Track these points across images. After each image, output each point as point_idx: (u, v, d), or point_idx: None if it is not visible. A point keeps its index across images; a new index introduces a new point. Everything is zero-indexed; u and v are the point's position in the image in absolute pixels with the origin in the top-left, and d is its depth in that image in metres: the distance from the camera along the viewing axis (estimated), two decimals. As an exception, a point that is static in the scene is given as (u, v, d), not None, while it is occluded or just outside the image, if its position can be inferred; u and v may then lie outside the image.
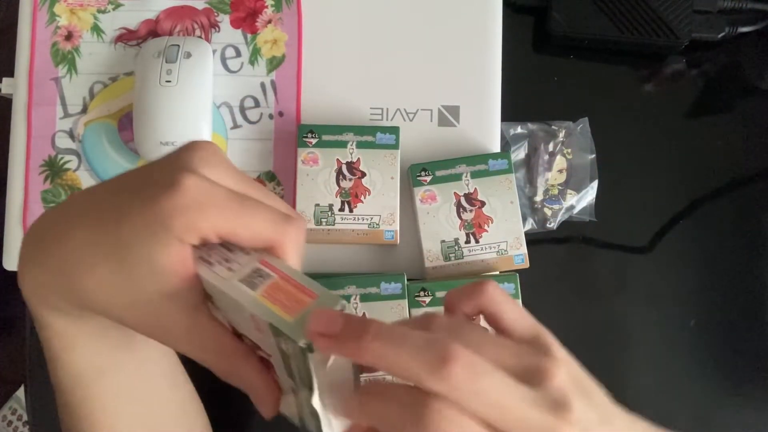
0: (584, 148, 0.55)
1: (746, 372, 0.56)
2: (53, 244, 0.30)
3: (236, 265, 0.29)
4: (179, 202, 0.27)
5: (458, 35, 0.54)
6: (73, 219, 0.30)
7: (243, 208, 0.29)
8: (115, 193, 0.30)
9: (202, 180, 0.28)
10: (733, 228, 0.56)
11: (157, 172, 0.30)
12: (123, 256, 0.28)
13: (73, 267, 0.29)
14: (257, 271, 0.29)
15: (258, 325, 0.28)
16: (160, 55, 0.50)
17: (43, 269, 0.31)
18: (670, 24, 0.54)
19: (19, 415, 1.28)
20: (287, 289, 0.28)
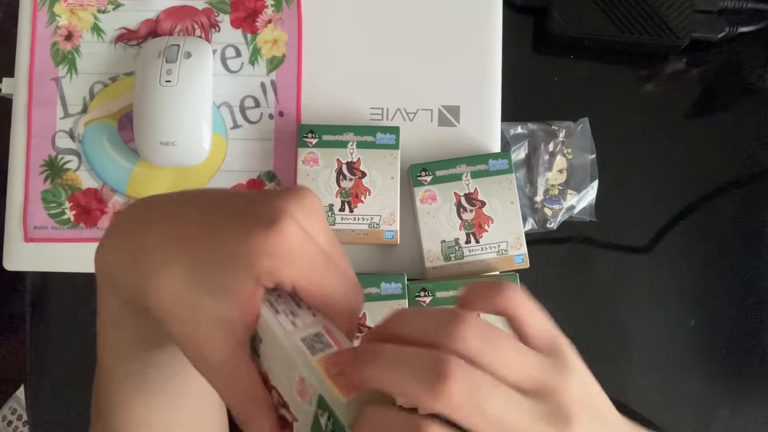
0: (584, 148, 0.55)
1: (746, 372, 0.56)
2: (140, 231, 0.31)
3: (300, 322, 0.29)
4: (271, 246, 0.28)
5: (458, 35, 0.54)
6: (166, 215, 0.31)
7: (327, 270, 0.29)
8: (212, 208, 0.31)
9: (299, 229, 0.29)
10: (733, 228, 0.56)
11: (259, 206, 0.30)
12: (201, 271, 0.28)
13: (148, 260, 0.30)
14: (319, 336, 0.29)
15: (303, 389, 0.28)
16: (160, 55, 0.50)
17: (121, 252, 0.31)
18: (670, 24, 0.54)
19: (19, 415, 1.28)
20: (334, 365, 0.28)
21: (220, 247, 0.28)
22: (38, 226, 0.52)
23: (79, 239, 0.52)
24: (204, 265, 0.28)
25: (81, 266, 0.53)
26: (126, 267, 0.31)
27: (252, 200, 0.31)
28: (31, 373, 0.54)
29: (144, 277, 0.30)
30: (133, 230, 0.31)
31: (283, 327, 0.29)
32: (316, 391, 0.27)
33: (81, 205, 0.53)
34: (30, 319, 0.54)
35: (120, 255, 0.31)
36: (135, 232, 0.31)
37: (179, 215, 0.31)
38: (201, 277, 0.28)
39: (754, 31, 0.56)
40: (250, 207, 0.30)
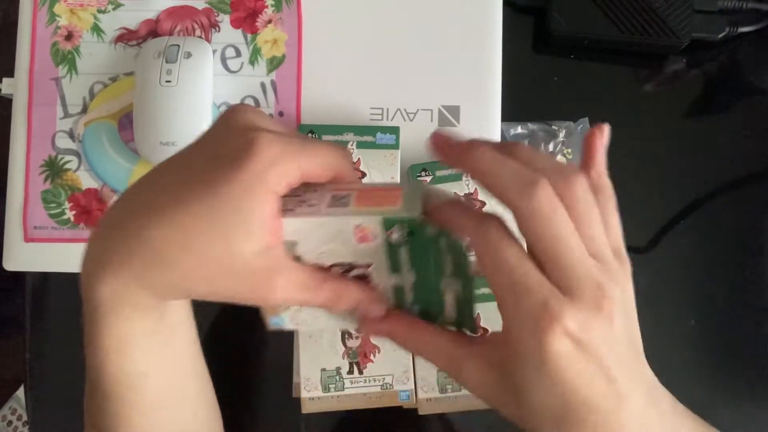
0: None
1: (746, 372, 0.56)
2: (132, 241, 0.30)
3: (314, 200, 0.32)
4: (266, 157, 0.29)
5: (458, 35, 0.54)
6: (149, 209, 0.30)
7: (313, 147, 0.31)
8: (189, 167, 0.31)
9: (272, 133, 0.30)
10: (733, 228, 0.56)
11: (226, 137, 0.31)
12: (218, 224, 0.29)
13: (167, 250, 0.29)
14: (335, 197, 0.32)
15: (363, 233, 0.30)
16: (160, 55, 0.50)
17: (127, 266, 0.30)
18: (670, 24, 0.54)
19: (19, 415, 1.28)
20: (374, 193, 0.31)
21: (226, 191, 0.29)
22: (38, 226, 0.52)
23: (79, 239, 0.52)
24: (219, 217, 0.29)
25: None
26: (144, 275, 0.30)
27: (215, 138, 0.31)
28: (31, 373, 0.54)
29: (171, 268, 0.29)
30: (121, 239, 0.30)
31: (308, 214, 0.31)
32: (376, 220, 0.30)
33: (81, 205, 0.53)
34: (30, 320, 0.54)
35: (132, 269, 0.30)
36: (128, 238, 0.30)
37: (169, 191, 0.30)
38: (223, 229, 0.29)
39: (754, 31, 0.56)
40: (222, 144, 0.31)
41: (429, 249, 0.30)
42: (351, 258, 0.32)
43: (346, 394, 0.48)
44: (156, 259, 0.29)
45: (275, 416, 0.54)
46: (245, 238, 0.29)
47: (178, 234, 0.29)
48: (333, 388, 0.48)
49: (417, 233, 0.30)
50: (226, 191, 0.29)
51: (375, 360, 0.49)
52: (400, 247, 0.31)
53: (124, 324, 0.32)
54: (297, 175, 0.30)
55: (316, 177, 0.32)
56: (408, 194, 0.31)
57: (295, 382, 0.50)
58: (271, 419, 0.54)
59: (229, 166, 0.29)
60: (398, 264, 0.31)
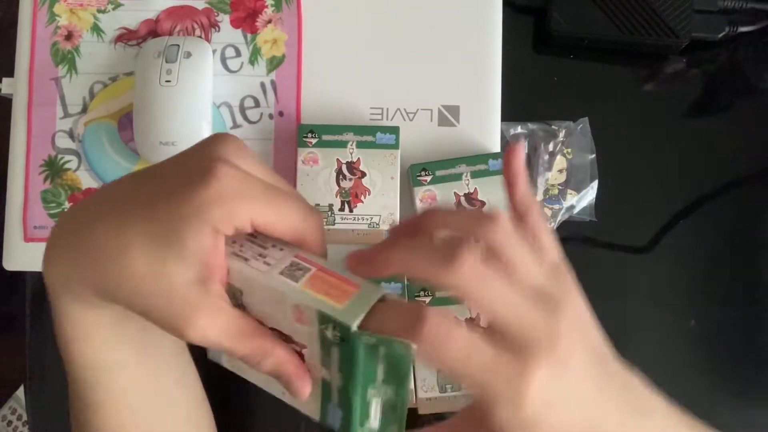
0: (584, 148, 0.55)
1: (746, 372, 0.56)
2: (83, 232, 0.30)
3: (272, 259, 0.30)
4: (216, 191, 0.28)
5: (458, 35, 0.54)
6: (105, 208, 0.31)
7: (277, 198, 0.30)
8: (147, 183, 0.31)
9: (236, 169, 0.29)
10: (733, 228, 0.56)
11: (190, 161, 0.30)
12: (155, 243, 0.28)
13: (102, 255, 0.29)
14: (295, 265, 0.30)
15: (301, 315, 0.29)
16: (160, 55, 0.50)
17: (71, 257, 0.31)
18: (670, 24, 0.54)
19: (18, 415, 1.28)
20: (329, 280, 0.29)
21: (170, 212, 0.28)
22: (38, 226, 0.52)
23: (79, 239, 0.52)
24: (158, 236, 0.28)
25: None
26: (84, 271, 0.30)
27: (183, 159, 0.31)
28: (31, 373, 0.54)
29: (106, 273, 0.29)
30: (80, 233, 0.31)
31: (258, 270, 0.30)
32: (313, 309, 0.28)
33: (81, 205, 0.53)
34: (30, 319, 0.54)
35: (71, 256, 0.31)
36: (83, 234, 0.31)
37: (120, 200, 0.31)
38: (157, 248, 0.28)
39: (754, 31, 0.56)
40: (183, 166, 0.30)
41: (361, 357, 0.28)
42: (289, 331, 0.30)
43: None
44: (92, 261, 0.30)
45: (275, 416, 0.54)
46: (177, 263, 0.28)
47: (115, 243, 0.29)
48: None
49: (349, 341, 0.28)
50: (165, 215, 0.28)
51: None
52: (332, 346, 0.29)
53: (79, 312, 0.32)
54: (246, 220, 0.29)
55: (272, 231, 0.30)
56: (359, 298, 0.28)
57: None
58: (271, 419, 0.54)
59: (177, 190, 0.29)
60: (328, 360, 0.29)
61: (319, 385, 0.31)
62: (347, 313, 0.28)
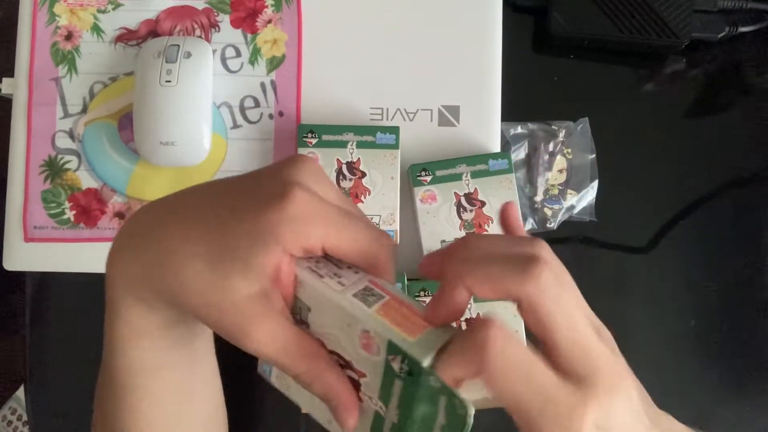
0: (584, 148, 0.55)
1: (746, 372, 0.56)
2: (152, 235, 0.31)
3: (347, 281, 0.30)
4: (289, 214, 0.28)
5: (458, 35, 0.54)
6: (177, 214, 0.31)
7: (350, 223, 0.30)
8: (221, 196, 0.31)
9: (311, 194, 0.29)
10: (733, 228, 0.56)
11: (267, 181, 0.31)
12: (223, 255, 0.29)
13: (170, 260, 0.30)
14: (368, 290, 0.29)
15: (369, 342, 0.28)
16: (160, 55, 0.50)
17: (138, 259, 0.31)
18: (670, 24, 0.54)
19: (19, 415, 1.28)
20: (401, 310, 0.29)
21: (242, 228, 0.29)
22: (38, 226, 0.52)
23: (79, 239, 0.52)
24: (225, 250, 0.29)
25: (81, 266, 0.53)
26: (150, 274, 0.31)
27: (258, 178, 0.31)
28: (31, 373, 0.54)
29: (171, 278, 0.30)
30: (149, 237, 0.31)
31: (332, 288, 0.29)
32: (384, 338, 0.27)
33: (81, 205, 0.53)
34: (30, 319, 0.54)
35: (138, 258, 0.31)
36: (153, 238, 0.31)
37: (192, 209, 0.31)
38: (224, 262, 0.29)
39: (754, 31, 0.56)
40: (258, 185, 0.31)
41: (423, 399, 0.27)
42: (351, 357, 0.30)
43: None
44: (159, 265, 0.30)
45: (275, 416, 0.54)
46: (240, 277, 0.29)
47: (182, 250, 0.30)
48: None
49: (417, 377, 0.27)
50: (235, 230, 0.29)
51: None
52: (396, 379, 0.28)
53: (136, 313, 0.33)
54: (317, 243, 0.29)
55: (344, 256, 0.30)
56: (431, 334, 0.28)
57: (295, 382, 0.50)
58: (271, 419, 0.54)
59: (250, 209, 0.29)
60: (388, 394, 0.28)
61: (371, 417, 0.30)
62: (419, 348, 0.27)
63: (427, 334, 0.27)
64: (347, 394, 0.30)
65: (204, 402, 0.40)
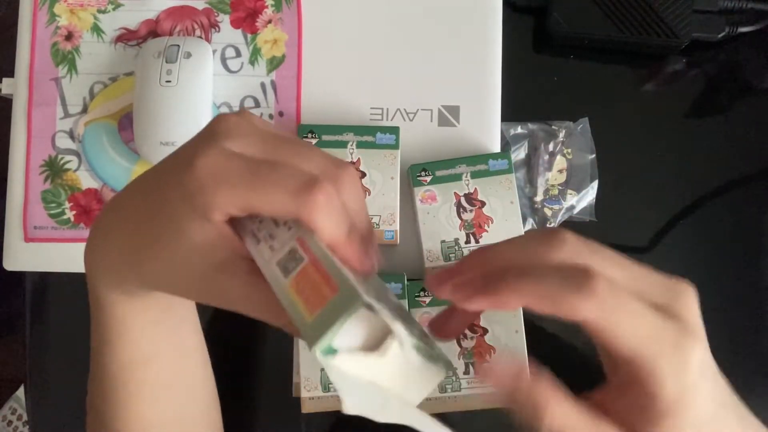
0: (584, 148, 0.55)
1: (746, 372, 0.56)
2: (117, 225, 0.32)
3: (277, 243, 0.28)
4: (193, 183, 0.27)
5: (458, 35, 0.54)
6: (130, 201, 0.32)
7: (257, 181, 0.27)
8: (155, 176, 0.31)
9: (217, 156, 0.27)
10: (733, 228, 0.56)
11: (182, 151, 0.30)
12: (164, 235, 0.29)
13: (136, 247, 0.30)
14: (292, 253, 0.28)
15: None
16: (160, 55, 0.50)
17: (111, 250, 0.32)
18: (670, 24, 0.54)
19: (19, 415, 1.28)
20: (314, 278, 0.27)
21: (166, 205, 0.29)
22: (38, 226, 0.52)
23: (79, 239, 0.52)
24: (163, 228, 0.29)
25: (81, 266, 0.52)
26: (122, 256, 0.31)
27: (181, 148, 0.30)
28: (31, 373, 0.54)
29: (137, 261, 0.30)
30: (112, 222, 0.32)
31: (263, 256, 0.29)
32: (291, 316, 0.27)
33: (81, 205, 0.53)
34: (30, 319, 0.54)
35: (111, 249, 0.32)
36: (115, 222, 0.32)
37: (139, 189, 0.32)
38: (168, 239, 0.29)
39: (754, 31, 0.56)
40: (177, 155, 0.30)
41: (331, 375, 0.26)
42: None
43: None
44: (132, 249, 0.31)
45: (275, 416, 0.54)
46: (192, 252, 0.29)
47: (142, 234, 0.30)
48: (333, 387, 0.48)
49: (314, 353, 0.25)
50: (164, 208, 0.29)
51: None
52: None
53: (120, 306, 0.33)
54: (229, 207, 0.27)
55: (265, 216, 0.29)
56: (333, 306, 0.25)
57: (295, 381, 0.50)
58: (271, 419, 0.54)
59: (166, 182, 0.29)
60: None
61: None
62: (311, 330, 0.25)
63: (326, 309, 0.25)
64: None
65: (196, 394, 0.40)
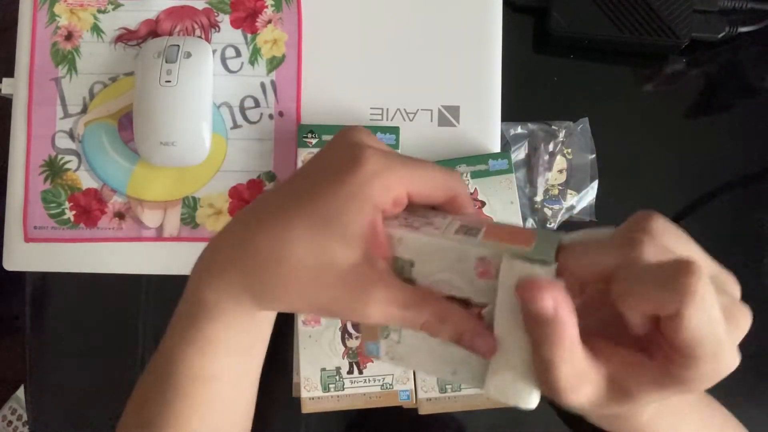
0: (584, 148, 0.55)
1: (746, 372, 0.55)
2: (237, 249, 0.32)
3: (439, 224, 0.30)
4: (369, 170, 0.30)
5: (458, 35, 0.54)
6: (264, 215, 0.32)
7: (420, 164, 0.31)
8: (301, 182, 0.32)
9: (377, 149, 0.31)
10: (733, 228, 0.56)
11: (336, 153, 0.32)
12: (317, 230, 0.29)
13: (267, 260, 0.30)
14: (464, 226, 0.30)
15: (485, 268, 0.28)
16: (160, 56, 0.50)
17: (229, 275, 0.32)
18: (670, 24, 0.54)
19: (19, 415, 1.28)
20: (505, 230, 0.29)
21: (326, 201, 0.30)
22: (38, 226, 0.52)
23: (79, 239, 0.52)
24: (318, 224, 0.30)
25: (81, 266, 0.53)
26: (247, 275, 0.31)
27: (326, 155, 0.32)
28: (31, 373, 0.54)
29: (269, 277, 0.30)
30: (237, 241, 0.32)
31: (431, 234, 0.30)
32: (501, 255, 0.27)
33: (81, 205, 0.53)
34: (30, 319, 0.54)
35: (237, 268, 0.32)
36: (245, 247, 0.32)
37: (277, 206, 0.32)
38: (321, 235, 0.30)
39: (754, 31, 0.56)
40: (329, 159, 0.32)
41: None
42: (468, 293, 0.29)
43: (346, 394, 0.48)
44: (255, 267, 0.31)
45: (275, 416, 0.54)
46: (342, 248, 0.29)
47: (276, 244, 0.30)
48: (333, 388, 0.48)
49: None
50: (324, 202, 0.30)
51: (375, 360, 0.49)
52: None
53: (219, 329, 0.33)
54: (401, 189, 0.30)
55: (426, 197, 0.31)
56: (542, 237, 0.28)
57: (295, 382, 0.50)
58: (271, 419, 0.54)
59: (332, 178, 0.30)
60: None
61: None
62: (539, 252, 0.27)
63: (539, 240, 0.28)
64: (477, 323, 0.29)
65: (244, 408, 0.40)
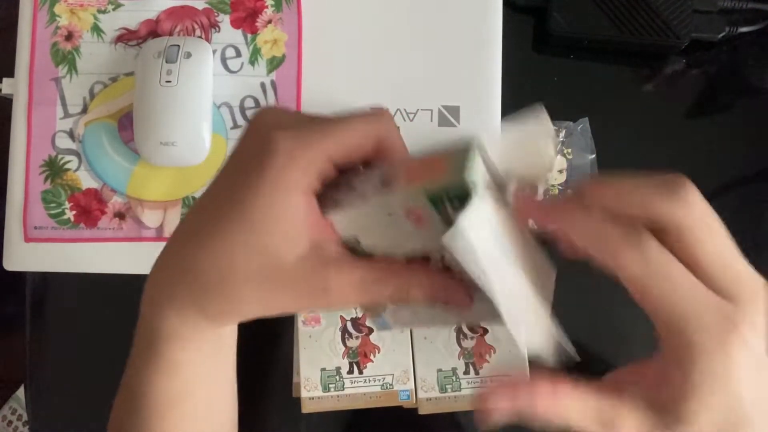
0: (584, 148, 0.55)
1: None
2: (186, 265, 0.30)
3: (362, 187, 0.28)
4: (282, 154, 0.27)
5: (458, 35, 0.54)
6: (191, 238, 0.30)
7: (337, 123, 0.29)
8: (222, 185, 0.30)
9: (286, 127, 0.28)
10: (733, 228, 0.56)
11: (245, 148, 0.30)
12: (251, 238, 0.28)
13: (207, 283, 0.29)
14: (381, 176, 0.28)
15: (418, 216, 0.27)
16: (160, 56, 0.50)
17: (185, 293, 0.30)
18: (670, 24, 0.54)
19: (19, 415, 1.28)
20: (419, 166, 0.27)
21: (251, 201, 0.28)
22: (38, 226, 0.52)
23: (79, 239, 0.52)
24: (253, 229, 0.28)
25: (81, 266, 0.53)
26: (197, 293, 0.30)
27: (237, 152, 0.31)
28: (31, 373, 0.54)
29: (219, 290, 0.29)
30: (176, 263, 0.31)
31: (355, 204, 0.28)
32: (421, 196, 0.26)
33: (81, 205, 0.53)
34: (30, 319, 0.54)
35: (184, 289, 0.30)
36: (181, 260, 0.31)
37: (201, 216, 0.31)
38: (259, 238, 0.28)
39: (754, 31, 0.56)
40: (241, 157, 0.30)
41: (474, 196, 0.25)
42: (420, 247, 0.28)
43: (346, 394, 0.48)
44: (202, 289, 0.29)
45: (275, 416, 0.54)
46: (281, 244, 0.28)
47: (215, 259, 0.28)
48: (333, 388, 0.48)
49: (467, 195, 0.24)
50: (250, 202, 0.28)
51: (375, 360, 0.49)
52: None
53: (181, 352, 0.32)
54: (325, 160, 0.28)
55: (357, 155, 0.29)
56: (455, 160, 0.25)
57: (295, 381, 0.50)
58: (271, 419, 0.54)
59: (251, 174, 0.28)
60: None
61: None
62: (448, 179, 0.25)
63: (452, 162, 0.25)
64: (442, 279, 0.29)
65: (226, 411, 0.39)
